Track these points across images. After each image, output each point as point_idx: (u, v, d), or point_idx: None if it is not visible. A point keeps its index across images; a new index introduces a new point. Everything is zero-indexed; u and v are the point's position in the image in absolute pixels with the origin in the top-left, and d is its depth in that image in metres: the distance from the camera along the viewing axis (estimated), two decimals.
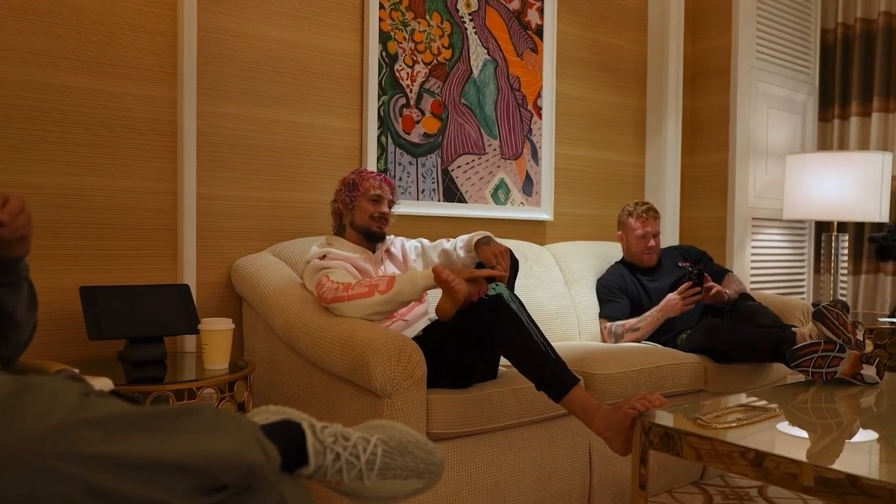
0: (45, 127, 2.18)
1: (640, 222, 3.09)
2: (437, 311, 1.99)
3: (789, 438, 1.66)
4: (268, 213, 2.63)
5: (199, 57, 2.45)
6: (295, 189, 2.69)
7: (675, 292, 2.86)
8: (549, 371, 1.85)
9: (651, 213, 3.11)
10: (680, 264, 3.16)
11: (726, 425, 1.71)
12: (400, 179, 2.91)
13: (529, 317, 1.93)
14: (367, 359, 1.86)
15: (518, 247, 3.10)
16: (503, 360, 2.31)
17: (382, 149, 2.86)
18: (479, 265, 2.25)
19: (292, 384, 2.23)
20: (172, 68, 2.40)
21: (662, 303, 2.88)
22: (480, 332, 1.93)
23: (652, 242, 3.08)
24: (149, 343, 2.04)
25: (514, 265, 2.23)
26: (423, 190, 2.99)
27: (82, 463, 0.76)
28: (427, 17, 2.99)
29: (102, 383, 1.31)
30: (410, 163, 2.95)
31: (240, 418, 0.94)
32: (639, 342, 2.93)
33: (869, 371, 2.20)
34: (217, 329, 1.94)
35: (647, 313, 2.91)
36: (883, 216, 3.54)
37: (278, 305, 2.22)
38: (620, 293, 3.06)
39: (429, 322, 2.27)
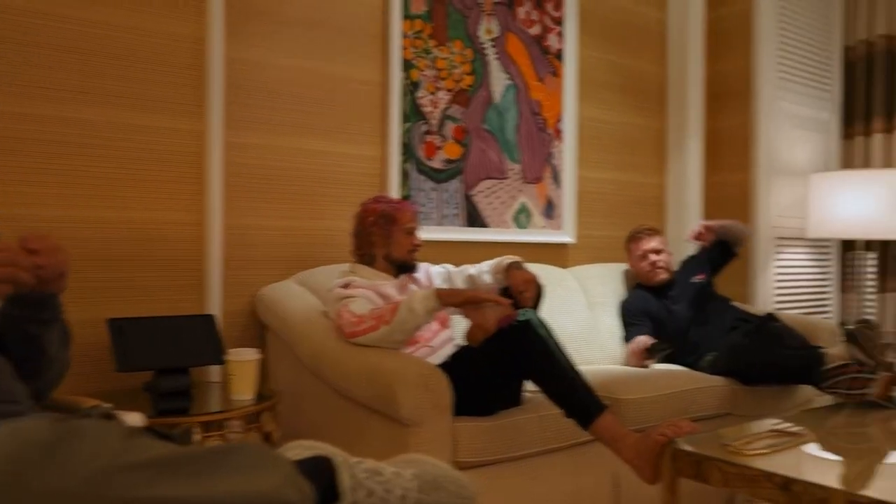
0: (77, 161, 2.22)
1: (634, 244, 3.14)
2: (468, 337, 1.98)
3: (820, 463, 1.64)
4: (291, 242, 2.65)
5: (225, 88, 2.49)
6: (318, 217, 2.71)
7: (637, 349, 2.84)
8: (578, 398, 1.85)
9: (645, 232, 3.14)
10: (694, 280, 3.12)
11: (756, 451, 1.69)
12: (423, 205, 2.93)
13: (558, 343, 1.93)
14: (394, 388, 1.87)
15: (540, 270, 3.09)
16: (528, 386, 2.30)
17: (405, 175, 2.88)
18: (504, 290, 2.25)
19: (317, 413, 2.23)
20: (199, 100, 2.44)
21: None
22: (508, 358, 1.93)
23: (653, 258, 3.08)
24: (175, 374, 2.06)
25: (539, 292, 2.22)
26: (446, 215, 3.01)
27: None
28: (449, 44, 3.02)
29: (134, 419, 1.32)
30: (433, 189, 2.97)
31: (276, 456, 0.94)
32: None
33: None
34: (244, 360, 1.96)
35: None
36: None
37: (304, 333, 2.23)
38: (643, 316, 3.04)
39: (455, 348, 2.27)
